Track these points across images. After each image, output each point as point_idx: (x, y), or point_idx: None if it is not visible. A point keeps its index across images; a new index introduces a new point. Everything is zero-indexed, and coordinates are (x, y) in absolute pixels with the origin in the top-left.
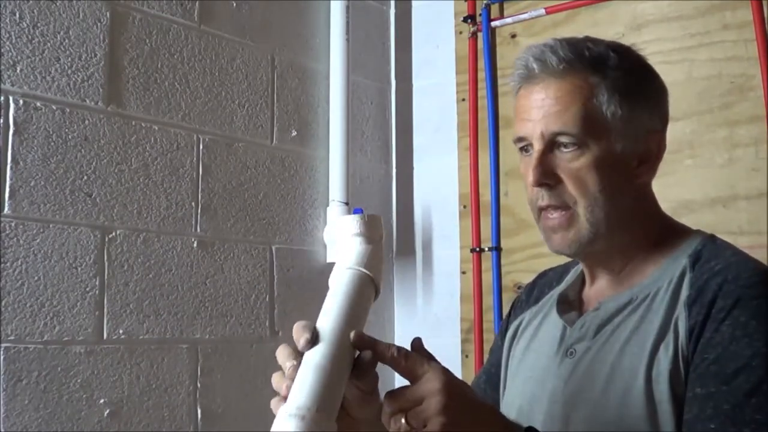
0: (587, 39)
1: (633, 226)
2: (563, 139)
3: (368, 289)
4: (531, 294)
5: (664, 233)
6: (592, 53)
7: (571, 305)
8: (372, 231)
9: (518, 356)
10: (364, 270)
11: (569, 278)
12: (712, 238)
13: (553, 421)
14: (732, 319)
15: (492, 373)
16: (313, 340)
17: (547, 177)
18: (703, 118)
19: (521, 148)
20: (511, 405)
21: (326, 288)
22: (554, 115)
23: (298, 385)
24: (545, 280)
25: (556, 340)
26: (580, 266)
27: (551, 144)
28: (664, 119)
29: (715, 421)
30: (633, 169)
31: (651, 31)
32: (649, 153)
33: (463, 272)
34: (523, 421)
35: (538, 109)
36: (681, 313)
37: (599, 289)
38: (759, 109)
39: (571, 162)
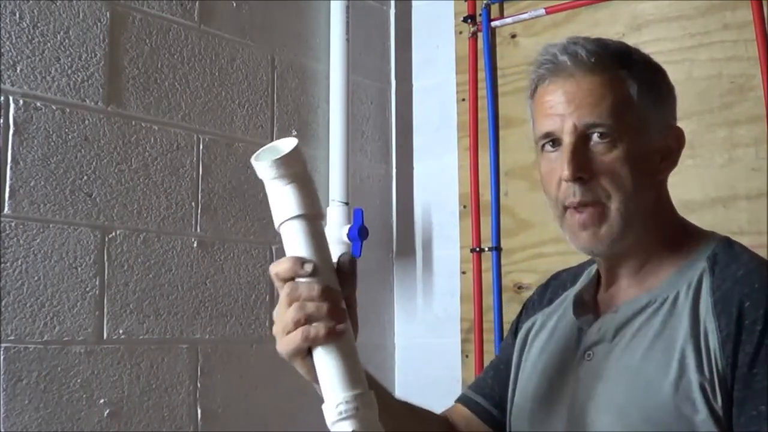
0: (600, 39)
1: (653, 224)
2: (597, 131)
3: (315, 227)
4: (544, 295)
5: (680, 234)
6: (618, 48)
7: (586, 307)
8: (290, 167)
9: (533, 359)
10: (301, 212)
11: (583, 279)
12: (728, 242)
13: (574, 423)
14: None
15: (500, 370)
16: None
17: (582, 170)
18: (703, 118)
19: (545, 145)
20: (522, 407)
21: None
22: (587, 107)
23: (327, 379)
24: (559, 282)
25: (572, 342)
26: (594, 267)
27: (583, 138)
28: (675, 116)
29: None
30: (657, 164)
31: (651, 31)
32: (670, 148)
33: (463, 272)
34: (536, 423)
35: (568, 103)
36: (709, 323)
37: (616, 292)
38: (759, 109)
39: (604, 155)
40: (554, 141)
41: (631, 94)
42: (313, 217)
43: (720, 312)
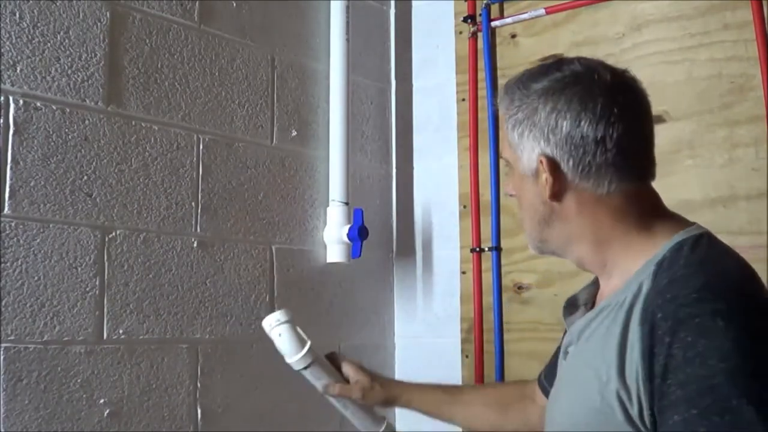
0: (538, 69)
1: (587, 231)
2: (504, 159)
3: (311, 355)
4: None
5: (643, 239)
6: (509, 90)
7: (575, 308)
8: (280, 317)
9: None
10: (303, 352)
11: (586, 282)
12: (680, 243)
13: (550, 423)
14: (679, 341)
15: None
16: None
17: (510, 190)
18: (703, 118)
19: None
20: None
21: (326, 287)
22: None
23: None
24: (570, 300)
25: (564, 344)
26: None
27: None
28: (554, 141)
29: None
30: (542, 189)
31: (651, 31)
32: (539, 173)
33: (463, 272)
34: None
35: None
36: (635, 332)
37: (603, 292)
38: (759, 109)
39: (512, 180)
40: None
41: (507, 125)
42: (308, 348)
43: (642, 321)
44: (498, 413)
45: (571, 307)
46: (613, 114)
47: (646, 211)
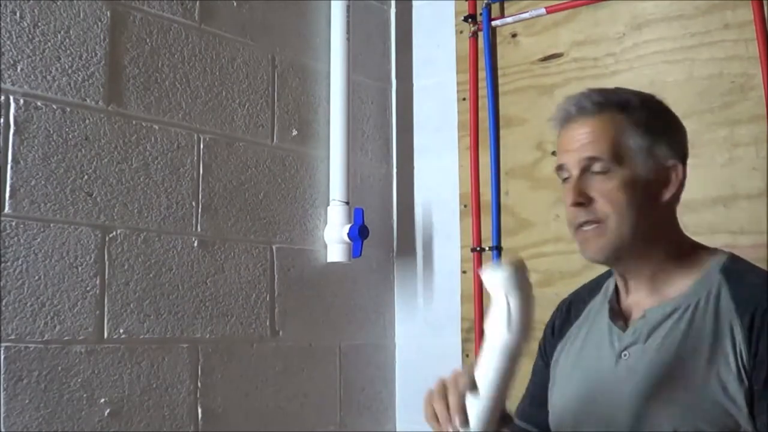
0: (617, 88)
1: (656, 241)
2: (595, 164)
3: (516, 353)
4: (569, 314)
5: (688, 251)
6: (619, 97)
7: (617, 313)
8: (520, 283)
9: (570, 365)
10: (516, 335)
11: (603, 292)
12: (733, 257)
13: (617, 418)
14: None
15: (536, 395)
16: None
17: (581, 197)
18: (703, 118)
19: (563, 179)
20: (565, 408)
21: (326, 287)
22: (588, 145)
23: None
24: (578, 298)
25: (606, 344)
26: (612, 281)
27: (585, 170)
28: (681, 153)
29: None
30: (655, 192)
31: (651, 31)
32: (668, 180)
33: (464, 272)
34: (581, 418)
35: (575, 142)
36: (735, 323)
37: (637, 300)
38: (759, 108)
39: (602, 183)
40: (567, 176)
41: (627, 134)
42: (521, 342)
43: (743, 312)
44: None
45: (614, 313)
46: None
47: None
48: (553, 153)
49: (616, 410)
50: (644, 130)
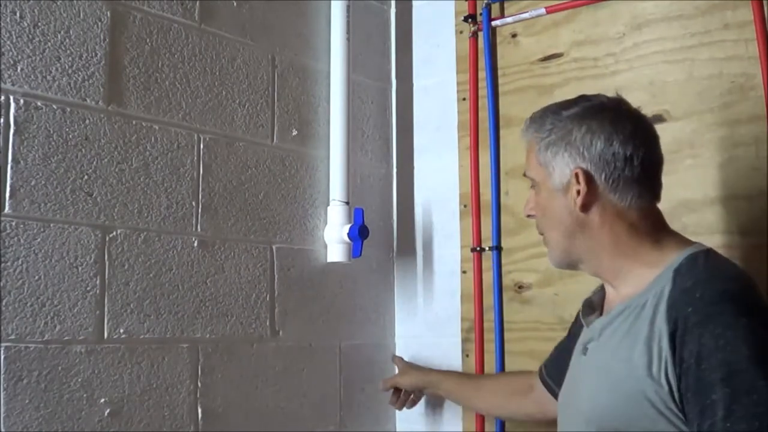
0: (551, 105)
1: (600, 244)
2: (529, 179)
3: None
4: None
5: (654, 252)
6: (540, 113)
7: (592, 309)
8: None
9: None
10: None
11: (586, 283)
12: (694, 254)
13: (570, 410)
14: (709, 332)
15: (559, 356)
16: None
17: (529, 210)
18: (703, 118)
19: None
20: (559, 401)
21: (326, 287)
22: (526, 163)
23: None
24: (586, 302)
25: (581, 340)
26: None
27: (532, 186)
28: (589, 157)
29: (731, 419)
30: (572, 201)
31: (651, 31)
32: (573, 187)
33: (464, 272)
34: (561, 406)
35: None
36: (662, 327)
37: (611, 298)
38: (759, 108)
39: (535, 198)
40: None
41: (538, 148)
42: None
43: (669, 317)
44: (513, 401)
45: (588, 308)
46: (638, 137)
47: (656, 227)
48: None
49: (580, 403)
50: (546, 143)
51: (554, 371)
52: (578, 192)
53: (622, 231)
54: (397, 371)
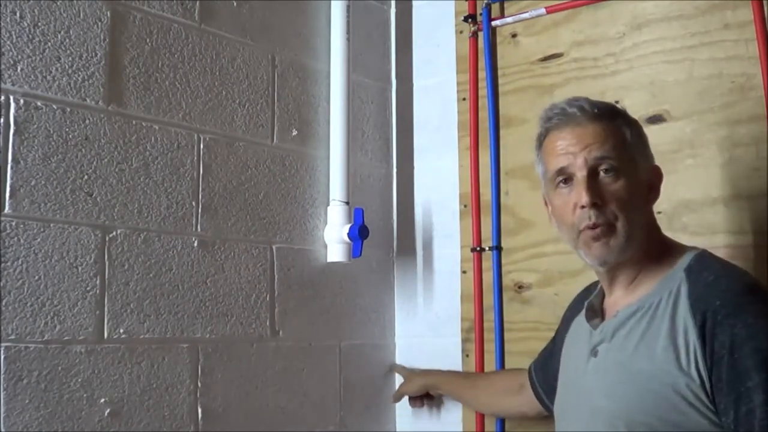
0: (600, 102)
1: (646, 242)
2: (604, 165)
3: None
4: (570, 317)
5: (664, 250)
6: (610, 104)
7: (595, 313)
8: None
9: (563, 358)
10: None
11: (595, 292)
12: (701, 254)
13: (580, 411)
14: (741, 322)
15: (548, 358)
16: None
17: (596, 197)
18: (703, 118)
19: (558, 183)
20: (558, 394)
21: (326, 287)
22: (595, 146)
23: None
24: (573, 303)
25: (585, 343)
26: (599, 285)
27: (593, 171)
28: (653, 157)
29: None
30: (647, 194)
31: (651, 31)
32: (652, 182)
33: (464, 271)
34: (561, 407)
35: (578, 144)
36: (688, 321)
37: (615, 300)
38: (760, 108)
39: (611, 185)
40: (566, 178)
41: (627, 138)
42: None
43: (695, 312)
44: (505, 400)
45: (591, 311)
46: None
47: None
48: None
49: (581, 405)
50: (635, 133)
51: (541, 376)
52: (657, 185)
53: (655, 231)
54: (399, 379)
